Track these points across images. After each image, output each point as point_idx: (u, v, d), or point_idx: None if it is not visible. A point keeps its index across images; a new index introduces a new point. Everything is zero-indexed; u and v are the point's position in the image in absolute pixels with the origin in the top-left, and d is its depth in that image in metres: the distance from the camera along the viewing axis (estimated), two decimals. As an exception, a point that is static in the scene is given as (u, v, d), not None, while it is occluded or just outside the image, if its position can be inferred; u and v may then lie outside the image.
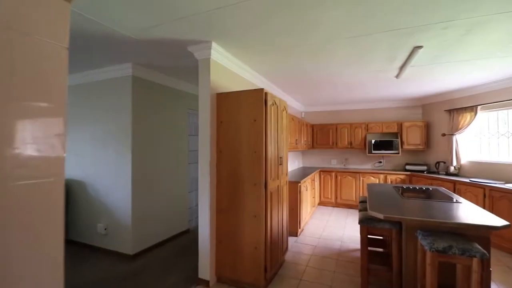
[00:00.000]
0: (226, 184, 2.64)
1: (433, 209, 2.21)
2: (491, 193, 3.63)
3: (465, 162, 4.70)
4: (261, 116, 2.48)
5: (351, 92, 4.74)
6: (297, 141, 4.79)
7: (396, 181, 5.45)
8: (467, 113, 4.56)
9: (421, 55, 2.82)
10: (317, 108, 6.67)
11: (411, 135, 5.57)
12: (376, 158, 6.14)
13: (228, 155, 2.63)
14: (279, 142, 2.87)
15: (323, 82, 4.03)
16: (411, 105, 5.90)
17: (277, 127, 2.81)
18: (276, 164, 2.75)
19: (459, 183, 4.21)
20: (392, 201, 2.52)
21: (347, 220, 4.91)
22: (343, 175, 5.87)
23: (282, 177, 2.96)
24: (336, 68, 3.38)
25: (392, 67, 3.30)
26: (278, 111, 2.84)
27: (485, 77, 3.76)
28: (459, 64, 3.16)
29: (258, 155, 2.48)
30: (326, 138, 6.27)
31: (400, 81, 4.06)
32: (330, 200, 5.96)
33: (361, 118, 6.29)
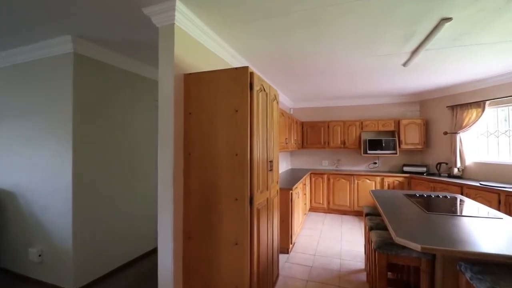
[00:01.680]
0: (197, 200, 1.92)
1: (475, 232, 1.63)
2: (508, 199, 3.17)
3: (469, 163, 4.27)
4: (245, 105, 1.79)
5: (350, 83, 4.15)
6: (287, 140, 4.15)
7: (394, 184, 4.96)
8: (473, 109, 4.12)
9: (444, 33, 2.26)
10: (307, 104, 6.07)
11: (409, 134, 5.10)
12: (370, 159, 5.63)
13: (200, 160, 1.92)
14: (269, 141, 2.20)
15: (323, 69, 3.40)
16: (407, 101, 5.44)
17: (266, 121, 2.14)
18: (265, 170, 2.08)
19: (467, 187, 3.74)
20: (416, 219, 1.92)
21: (343, 229, 4.34)
22: (336, 178, 5.31)
23: (272, 186, 2.29)
24: (341, 50, 2.75)
25: (404, 51, 2.73)
26: (267, 100, 2.16)
27: (501, 67, 3.29)
28: (482, 49, 2.64)
29: (241, 159, 1.79)
30: (317, 137, 5.69)
31: (404, 72, 3.52)
32: (322, 206, 5.38)
33: (355, 115, 5.76)
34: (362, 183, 5.15)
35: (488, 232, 1.63)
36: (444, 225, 1.75)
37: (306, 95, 5.26)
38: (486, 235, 1.58)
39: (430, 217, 1.96)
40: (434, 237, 1.54)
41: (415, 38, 2.38)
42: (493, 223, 1.83)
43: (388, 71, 3.49)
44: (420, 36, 2.31)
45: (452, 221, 1.86)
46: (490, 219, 1.91)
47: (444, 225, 1.76)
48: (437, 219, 1.91)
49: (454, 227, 1.73)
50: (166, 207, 1.90)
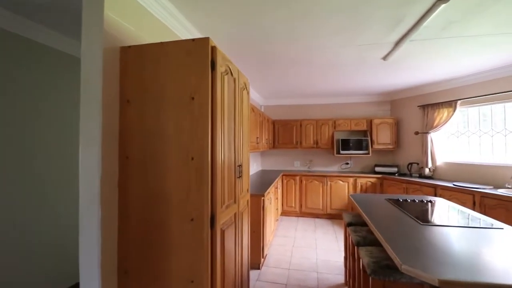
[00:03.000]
0: (137, 221, 1.39)
1: (485, 250, 1.35)
2: (483, 201, 3.10)
3: (440, 164, 4.25)
4: (205, 91, 1.31)
5: (325, 78, 3.85)
6: (258, 140, 3.72)
7: (367, 185, 4.82)
8: (444, 109, 4.09)
9: (434, 20, 2.00)
10: (279, 101, 5.72)
11: (381, 134, 5.01)
12: (343, 159, 5.46)
13: (142, 165, 1.39)
14: (238, 141, 1.74)
15: (297, 59, 3.02)
16: (379, 100, 5.36)
17: (234, 115, 1.67)
18: (232, 178, 1.61)
19: (441, 188, 3.66)
20: (413, 234, 1.60)
21: (317, 235, 4.04)
22: (309, 180, 5.03)
23: (241, 196, 1.83)
24: (319, 37, 2.39)
25: (388, 40, 2.45)
26: (236, 88, 1.69)
27: (477, 66, 3.22)
28: (465, 42, 2.47)
29: (199, 164, 1.30)
30: (289, 136, 5.36)
31: (381, 67, 3.30)
32: (294, 209, 5.06)
33: (328, 113, 5.55)
34: (335, 185, 4.93)
35: (500, 248, 1.36)
36: (447, 242, 1.45)
37: (278, 91, 4.89)
38: (500, 253, 1.30)
39: (427, 230, 1.66)
40: (445, 261, 1.21)
41: (404, 23, 2.09)
42: (495, 234, 1.59)
43: (365, 66, 3.24)
44: (410, 20, 2.02)
45: (453, 235, 1.58)
46: (491, 230, 1.66)
47: (447, 241, 1.46)
48: (436, 232, 1.62)
49: (459, 243, 1.43)
50: (90, 232, 1.33)
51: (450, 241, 1.47)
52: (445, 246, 1.39)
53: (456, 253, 1.30)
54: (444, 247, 1.37)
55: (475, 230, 1.66)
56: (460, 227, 1.73)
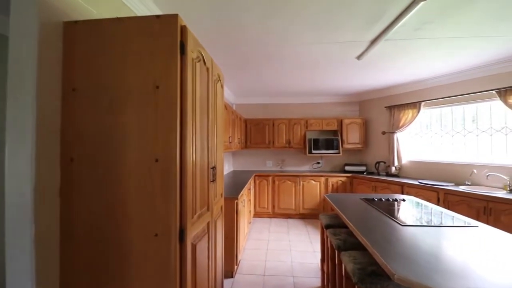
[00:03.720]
0: (86, 240, 1.11)
1: (467, 252, 1.33)
2: (446, 197, 3.26)
3: (405, 162, 4.44)
4: (173, 79, 1.09)
5: (298, 76, 3.75)
6: (230, 139, 3.51)
7: (338, 184, 4.88)
8: (409, 110, 4.28)
9: (410, 19, 1.99)
10: (251, 100, 5.56)
11: (351, 133, 5.12)
12: (314, 159, 5.49)
13: (92, 170, 1.12)
14: (211, 139, 1.53)
15: (271, 54, 2.88)
16: (348, 101, 5.48)
17: (208, 110, 1.46)
18: (205, 183, 1.40)
19: (407, 186, 3.81)
20: (397, 237, 1.54)
21: (290, 237, 3.95)
22: (281, 180, 4.95)
23: (215, 202, 1.62)
24: (294, 32, 2.27)
25: (365, 39, 2.42)
26: (209, 79, 1.49)
27: (443, 68, 3.38)
28: (437, 44, 2.53)
29: (165, 168, 1.08)
30: (262, 136, 5.24)
31: (354, 67, 3.32)
32: (266, 211, 4.94)
33: (300, 113, 5.53)
34: (307, 184, 4.92)
35: (483, 249, 1.34)
36: (431, 244, 1.41)
37: (250, 89, 4.72)
38: (486, 255, 1.28)
39: (408, 232, 1.62)
40: (437, 268, 1.14)
41: (383, 21, 2.06)
42: (473, 233, 1.60)
43: (340, 64, 3.23)
44: (389, 17, 1.99)
45: (433, 235, 1.55)
46: (467, 228, 1.68)
47: (430, 243, 1.42)
48: (417, 234, 1.58)
49: (442, 245, 1.39)
50: (21, 256, 1.03)
51: (433, 243, 1.43)
52: (430, 249, 1.34)
53: (444, 257, 1.24)
54: (429, 250, 1.32)
55: (453, 230, 1.65)
56: (437, 226, 1.72)
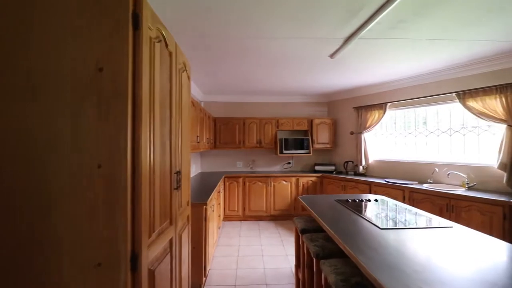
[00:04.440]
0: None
1: (449, 256, 1.28)
2: (411, 195, 3.37)
3: (372, 162, 4.57)
4: (122, 58, 0.83)
5: (272, 71, 3.56)
6: (198, 139, 3.23)
7: (308, 184, 4.86)
8: (376, 111, 4.40)
9: (386, 16, 1.95)
10: (221, 98, 5.30)
11: (321, 133, 5.14)
12: (285, 159, 5.42)
13: (4, 181, 0.81)
14: (175, 138, 1.28)
15: (246, 47, 2.67)
16: (318, 101, 5.52)
17: (171, 102, 1.21)
18: (167, 190, 1.15)
19: (375, 185, 3.89)
20: (379, 243, 1.45)
21: (262, 240, 3.80)
22: (252, 181, 4.78)
23: (180, 213, 1.38)
24: (271, 23, 2.10)
25: (340, 36, 2.35)
26: (173, 66, 1.24)
27: (409, 70, 3.49)
28: (410, 45, 2.56)
29: (111, 174, 0.82)
30: (232, 135, 5.01)
31: (327, 66, 3.27)
32: (236, 213, 4.73)
33: (271, 112, 5.42)
34: (278, 185, 4.82)
35: (464, 252, 1.30)
36: (415, 249, 1.34)
37: (220, 86, 4.47)
38: (469, 258, 1.23)
39: (388, 236, 1.54)
40: (426, 278, 1.05)
41: (360, 15, 1.98)
42: (450, 234, 1.58)
43: (312, 63, 3.14)
44: (367, 12, 1.92)
45: (413, 238, 1.49)
46: (443, 229, 1.66)
47: (412, 249, 1.35)
48: (397, 238, 1.51)
49: (424, 249, 1.33)
50: None
51: (415, 248, 1.36)
52: (414, 255, 1.26)
53: (429, 265, 1.16)
54: (413, 257, 1.24)
55: (430, 231, 1.62)
56: (414, 228, 1.68)
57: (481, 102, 3.05)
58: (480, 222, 2.64)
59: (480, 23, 2.10)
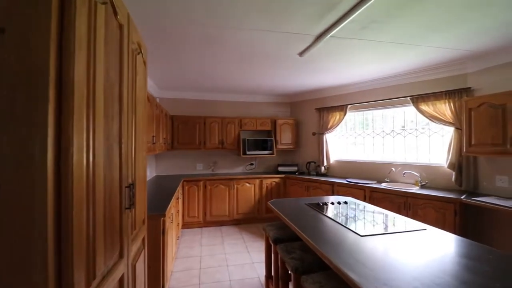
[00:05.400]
0: None
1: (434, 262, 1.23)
2: (372, 194, 3.48)
3: (333, 162, 4.66)
4: (40, 17, 0.52)
5: (237, 67, 3.31)
6: (154, 139, 2.83)
7: (272, 185, 4.76)
8: (337, 112, 4.49)
9: (358, 16, 1.89)
10: (179, 94, 4.86)
11: (284, 134, 5.09)
12: (248, 160, 5.24)
13: None
14: (127, 140, 0.97)
15: (212, 36, 2.38)
16: (281, 102, 5.46)
17: (121, 91, 0.90)
18: (115, 213, 0.84)
19: (337, 185, 3.95)
20: (363, 252, 1.35)
21: (226, 248, 3.55)
22: (214, 184, 4.48)
23: (134, 237, 1.06)
24: (241, 11, 1.87)
25: (312, 32, 2.24)
26: (123, 44, 0.93)
27: (371, 73, 3.59)
28: (378, 47, 2.57)
29: (17, 201, 0.50)
30: (192, 135, 4.63)
31: (294, 65, 3.18)
32: (197, 220, 4.38)
33: (234, 111, 5.18)
34: (241, 188, 4.61)
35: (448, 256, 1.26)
36: (402, 259, 1.26)
37: (179, 81, 4.06)
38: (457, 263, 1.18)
39: (371, 244, 1.46)
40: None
41: (336, 11, 1.88)
42: (424, 237, 1.56)
43: (279, 59, 3.00)
44: (346, 5, 1.82)
45: (397, 246, 1.43)
46: (418, 232, 1.64)
47: (401, 258, 1.27)
48: (380, 245, 1.43)
49: (412, 258, 1.26)
50: None
51: (402, 257, 1.28)
52: (404, 267, 1.17)
53: (424, 278, 1.08)
54: (404, 268, 1.15)
55: (408, 235, 1.59)
56: (394, 233, 1.63)
57: (432, 106, 3.28)
58: (434, 219, 2.80)
59: (441, 30, 2.19)
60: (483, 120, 2.60)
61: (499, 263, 1.21)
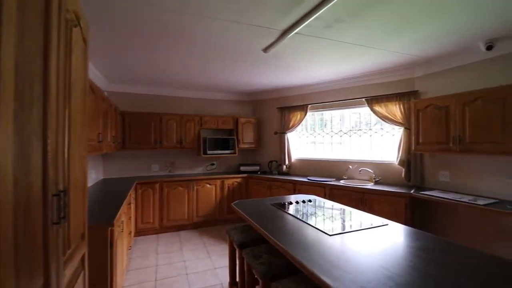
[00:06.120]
0: None
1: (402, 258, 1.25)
2: (332, 192, 3.58)
3: (294, 161, 4.72)
4: None
5: (196, 60, 3.07)
6: (101, 137, 2.46)
7: (234, 186, 4.62)
8: (298, 112, 4.55)
9: (323, 14, 1.88)
10: (131, 88, 4.41)
11: (246, 133, 4.99)
12: (208, 160, 5.01)
13: None
14: (55, 133, 0.74)
15: (165, 25, 2.14)
16: (243, 100, 5.36)
17: (46, 68, 0.68)
18: (37, 232, 0.62)
19: (299, 183, 3.99)
20: (335, 252, 1.31)
21: (185, 255, 3.30)
22: (172, 186, 4.17)
23: (69, 258, 0.83)
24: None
25: (278, 27, 2.17)
26: (50, 10, 0.70)
27: (328, 74, 3.69)
28: (341, 47, 2.61)
29: None
30: (146, 134, 4.24)
31: (258, 61, 3.09)
32: (152, 226, 4.02)
33: (194, 109, 4.90)
34: (202, 189, 4.38)
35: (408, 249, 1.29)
36: (372, 257, 1.24)
37: (130, 73, 3.65)
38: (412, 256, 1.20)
39: (340, 242, 1.43)
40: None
41: (302, 7, 1.83)
42: (389, 232, 1.60)
43: (242, 54, 2.88)
44: (310, 3, 1.78)
45: (364, 243, 1.42)
46: (382, 228, 1.67)
47: (371, 257, 1.25)
48: (349, 244, 1.42)
49: (380, 255, 1.25)
50: None
51: (371, 256, 1.27)
52: (376, 268, 1.15)
53: (396, 276, 1.06)
54: (376, 269, 1.13)
55: (374, 232, 1.61)
56: (360, 230, 1.64)
57: (384, 107, 3.50)
58: (388, 212, 2.98)
59: (395, 34, 2.31)
60: (429, 121, 2.84)
61: (463, 256, 1.28)
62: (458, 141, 2.55)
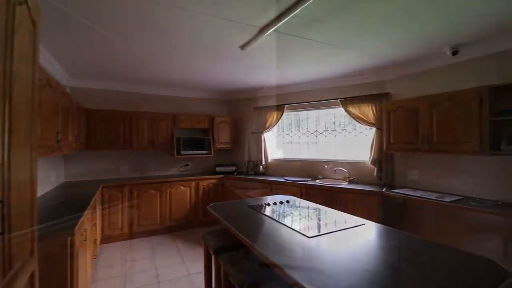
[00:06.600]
0: None
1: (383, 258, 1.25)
2: (308, 191, 3.61)
3: (271, 161, 4.70)
4: None
5: (172, 53, 2.87)
6: (60, 136, 2.21)
7: (209, 187, 4.49)
8: (274, 112, 4.54)
9: (302, 12, 1.85)
10: (98, 84, 4.07)
11: (222, 133, 4.88)
12: (182, 161, 4.81)
13: None
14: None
15: (135, 11, 1.98)
16: (219, 99, 5.23)
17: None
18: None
19: (276, 183, 3.98)
20: (313, 254, 1.28)
21: (157, 261, 3.12)
22: (143, 189, 3.93)
23: (9, 282, 0.69)
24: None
25: (256, 23, 2.10)
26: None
27: (304, 75, 3.71)
28: (317, 47, 2.61)
29: None
30: (114, 133, 3.95)
31: (235, 58, 3.01)
32: (121, 232, 3.76)
33: (167, 107, 4.67)
34: (175, 191, 4.19)
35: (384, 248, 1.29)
36: (352, 259, 1.23)
37: (96, 67, 3.36)
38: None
39: (319, 244, 1.41)
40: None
41: (279, 5, 1.78)
42: (366, 231, 1.61)
43: (220, 51, 2.77)
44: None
45: (343, 244, 1.42)
46: (359, 227, 1.68)
47: (351, 259, 1.24)
48: (327, 246, 1.40)
49: (360, 256, 1.24)
50: None
51: (353, 256, 1.25)
52: (358, 271, 1.13)
53: (377, 277, 1.05)
54: (360, 273, 1.11)
55: (351, 232, 1.61)
56: (338, 231, 1.62)
57: (358, 108, 3.60)
58: (362, 210, 3.05)
59: (373, 36, 2.36)
60: (400, 122, 2.96)
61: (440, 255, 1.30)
62: (426, 141, 2.68)
